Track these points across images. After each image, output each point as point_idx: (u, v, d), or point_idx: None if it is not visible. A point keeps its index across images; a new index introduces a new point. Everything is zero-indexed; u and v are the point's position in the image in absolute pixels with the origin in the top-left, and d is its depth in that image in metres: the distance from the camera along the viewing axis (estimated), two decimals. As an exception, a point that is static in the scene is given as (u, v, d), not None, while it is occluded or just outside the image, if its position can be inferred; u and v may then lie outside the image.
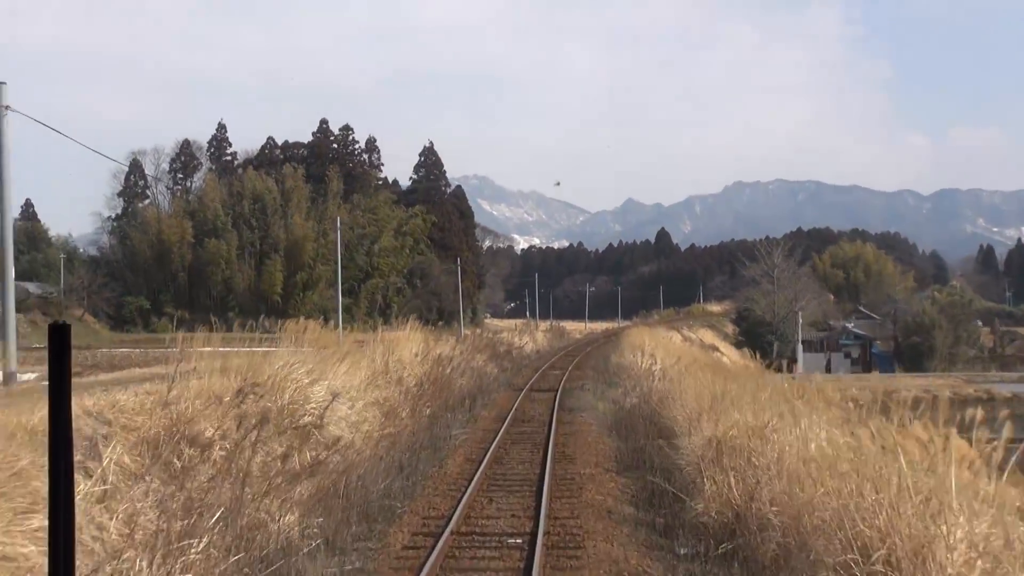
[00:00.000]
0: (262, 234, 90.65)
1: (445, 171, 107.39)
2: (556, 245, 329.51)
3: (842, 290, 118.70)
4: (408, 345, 22.00)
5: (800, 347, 73.98)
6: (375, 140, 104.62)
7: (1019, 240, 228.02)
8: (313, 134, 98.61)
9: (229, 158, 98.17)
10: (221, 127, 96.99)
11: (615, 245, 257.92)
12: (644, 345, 35.58)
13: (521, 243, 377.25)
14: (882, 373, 74.94)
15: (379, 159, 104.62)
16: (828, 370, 78.55)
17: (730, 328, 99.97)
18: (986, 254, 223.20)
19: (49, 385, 2.63)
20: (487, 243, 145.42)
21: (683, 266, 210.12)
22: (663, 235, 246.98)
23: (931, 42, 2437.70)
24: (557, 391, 26.47)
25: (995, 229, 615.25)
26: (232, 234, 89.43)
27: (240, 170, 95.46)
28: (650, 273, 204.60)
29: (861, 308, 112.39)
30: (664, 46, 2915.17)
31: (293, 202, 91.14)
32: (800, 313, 75.96)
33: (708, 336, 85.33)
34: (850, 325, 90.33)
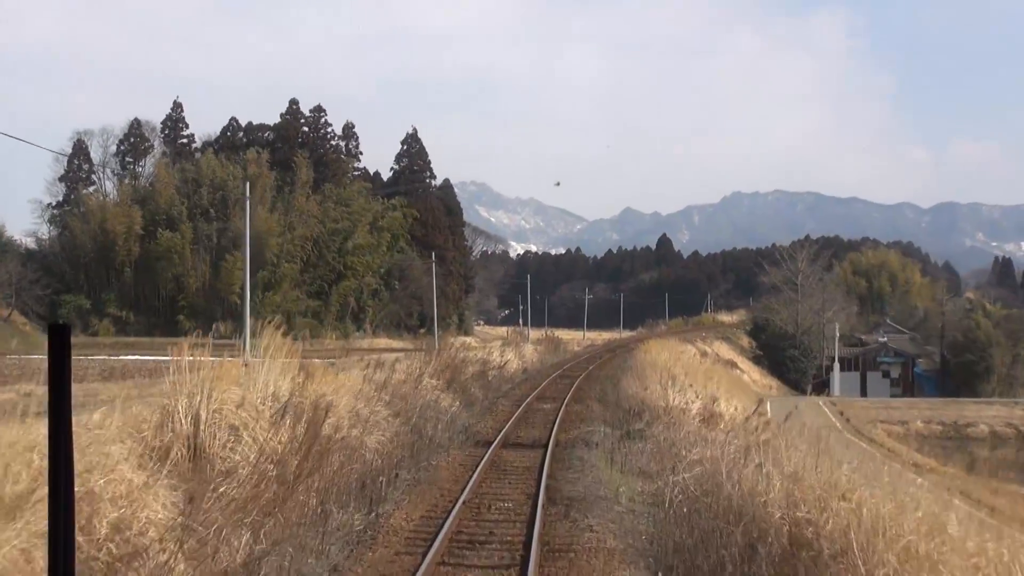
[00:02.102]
0: (220, 226, 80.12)
1: (430, 161, 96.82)
2: (553, 252, 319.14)
3: (865, 300, 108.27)
4: (262, 376, 11.49)
5: (837, 365, 63.43)
6: (353, 126, 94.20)
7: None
8: (281, 115, 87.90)
9: (185, 141, 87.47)
10: (177, 106, 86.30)
11: (614, 251, 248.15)
12: (671, 367, 25.13)
13: (518, 249, 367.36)
14: (929, 397, 64.62)
15: (357, 147, 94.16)
16: (864, 392, 68.16)
17: (746, 341, 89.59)
18: (1003, 267, 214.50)
19: (49, 385, 2.59)
20: (479, 246, 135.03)
21: (686, 274, 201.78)
22: (664, 242, 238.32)
23: (933, 55, 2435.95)
24: (545, 449, 16.00)
25: (994, 243, 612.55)
26: (186, 225, 78.94)
27: (198, 154, 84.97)
28: (651, 280, 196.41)
29: (889, 320, 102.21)
30: (664, 55, 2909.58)
31: (256, 191, 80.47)
32: (836, 325, 65.60)
33: (724, 350, 74.96)
34: (883, 339, 79.92)
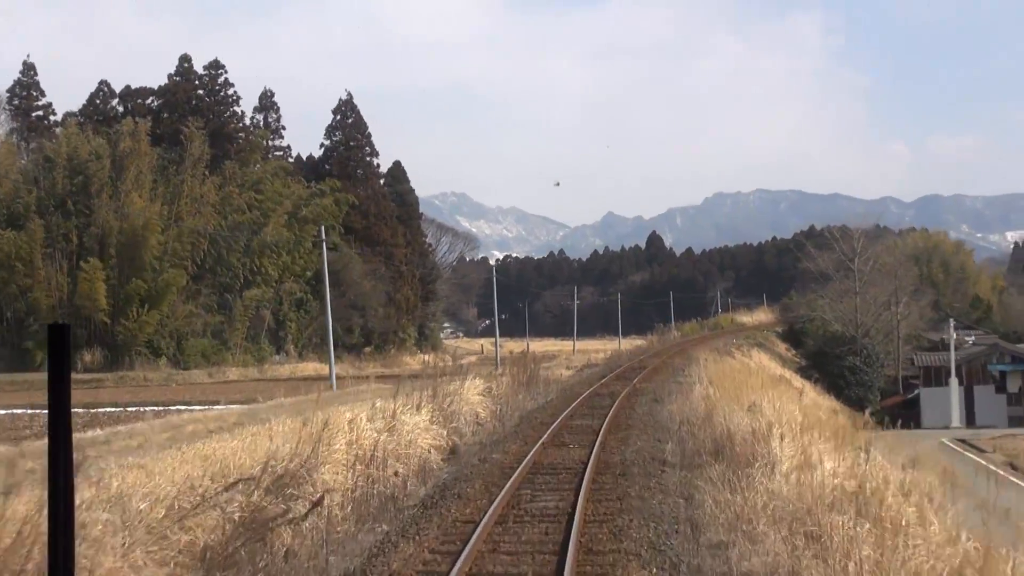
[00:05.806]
0: (82, 222, 59.71)
1: (371, 135, 76.35)
2: (536, 257, 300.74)
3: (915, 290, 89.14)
4: None
5: (954, 381, 43.54)
6: (272, 94, 73.96)
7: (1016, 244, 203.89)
8: (169, 76, 67.38)
9: (40, 113, 66.81)
10: (28, 68, 65.54)
11: (600, 252, 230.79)
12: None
13: (499, 257, 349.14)
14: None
15: (278, 121, 73.84)
16: (970, 416, 48.40)
17: (782, 347, 69.87)
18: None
19: (49, 385, 2.62)
20: (444, 245, 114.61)
21: (680, 273, 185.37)
22: (654, 240, 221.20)
23: (906, 53, 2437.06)
24: None
25: (979, 235, 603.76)
26: (35, 222, 58.40)
27: (58, 129, 64.57)
28: (642, 282, 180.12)
29: (949, 314, 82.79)
30: (642, 59, 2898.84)
31: (130, 173, 60.21)
32: (951, 322, 46.05)
33: (766, 361, 55.14)
34: (970, 339, 60.57)
